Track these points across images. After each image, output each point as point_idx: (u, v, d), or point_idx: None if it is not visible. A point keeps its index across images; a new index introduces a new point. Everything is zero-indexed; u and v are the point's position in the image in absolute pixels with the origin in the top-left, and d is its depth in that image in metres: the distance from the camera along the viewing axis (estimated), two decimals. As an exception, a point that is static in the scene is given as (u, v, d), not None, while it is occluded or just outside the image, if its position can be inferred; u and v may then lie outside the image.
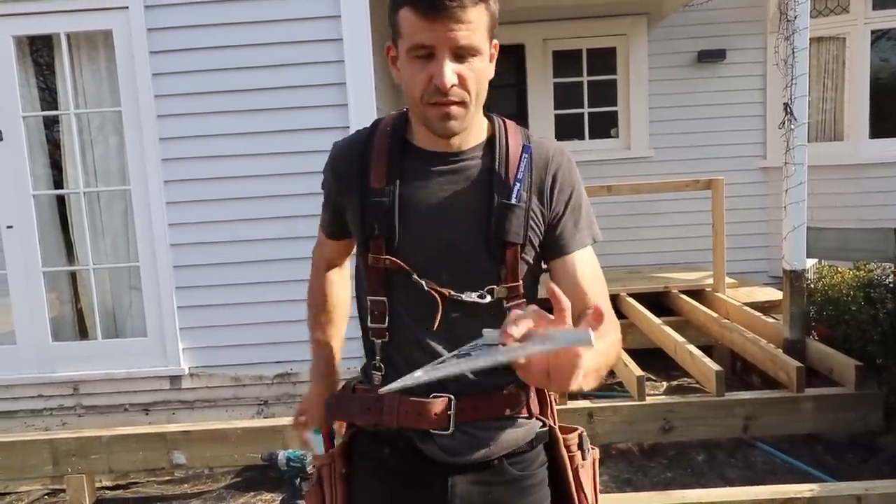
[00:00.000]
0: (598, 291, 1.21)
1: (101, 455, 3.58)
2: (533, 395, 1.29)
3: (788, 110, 3.76)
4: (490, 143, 1.23)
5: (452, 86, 1.09)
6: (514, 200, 1.17)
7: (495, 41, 1.17)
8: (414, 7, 1.07)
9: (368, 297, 1.23)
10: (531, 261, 1.22)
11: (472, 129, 1.21)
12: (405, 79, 1.14)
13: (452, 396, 1.20)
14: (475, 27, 1.08)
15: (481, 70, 1.13)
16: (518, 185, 1.18)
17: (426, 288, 1.17)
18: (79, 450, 3.57)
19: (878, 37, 5.94)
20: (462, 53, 1.09)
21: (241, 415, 4.02)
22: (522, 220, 1.18)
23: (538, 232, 1.21)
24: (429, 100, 1.11)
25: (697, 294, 5.11)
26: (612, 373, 4.49)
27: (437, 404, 1.20)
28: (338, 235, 1.37)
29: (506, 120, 1.27)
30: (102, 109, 3.97)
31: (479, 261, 1.18)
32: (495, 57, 1.19)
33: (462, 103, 1.12)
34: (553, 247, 1.22)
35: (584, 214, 1.25)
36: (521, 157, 1.20)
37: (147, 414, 4.02)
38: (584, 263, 1.22)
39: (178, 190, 3.88)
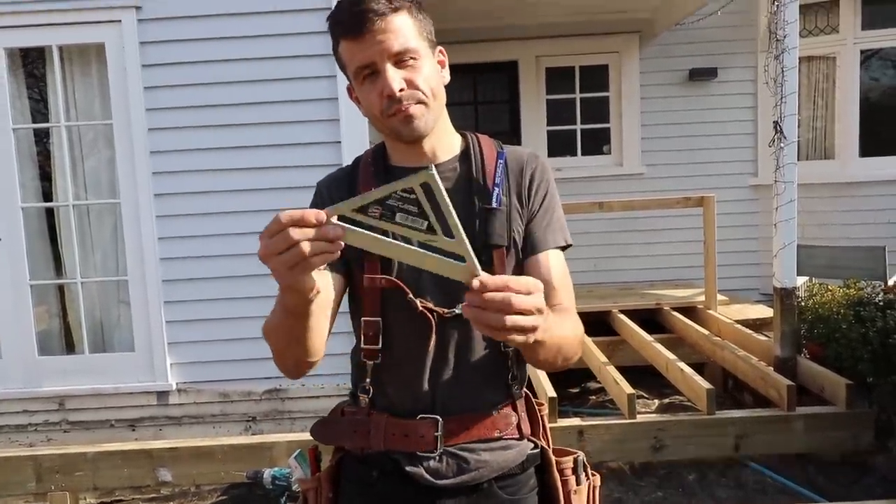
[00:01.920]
0: (566, 294, 1.23)
1: (86, 472, 3.53)
2: (524, 415, 1.27)
3: (778, 129, 3.78)
4: (465, 154, 1.26)
5: (402, 89, 1.13)
6: (495, 204, 1.20)
7: (440, 48, 1.23)
8: (343, 35, 1.15)
9: (363, 319, 1.22)
10: (516, 263, 1.23)
11: (445, 140, 1.25)
12: (364, 103, 1.19)
13: (440, 418, 1.19)
14: (402, 32, 1.13)
15: (428, 72, 1.16)
16: (497, 189, 1.21)
17: (420, 308, 1.17)
18: (63, 466, 3.53)
19: (869, 56, 6.00)
20: (401, 58, 1.14)
21: (229, 431, 3.98)
22: (505, 223, 1.20)
23: (521, 233, 1.23)
24: (388, 111, 1.15)
25: (689, 311, 5.11)
26: (602, 390, 4.48)
27: (424, 426, 1.19)
28: (338, 265, 1.20)
29: (477, 134, 1.31)
30: (93, 122, 3.96)
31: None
32: (445, 64, 1.24)
33: (420, 103, 1.15)
34: (526, 245, 1.24)
35: (556, 216, 1.27)
36: (496, 162, 1.24)
37: (133, 430, 3.98)
38: (555, 263, 1.24)
39: (168, 203, 3.86)
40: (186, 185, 3.86)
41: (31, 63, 4.15)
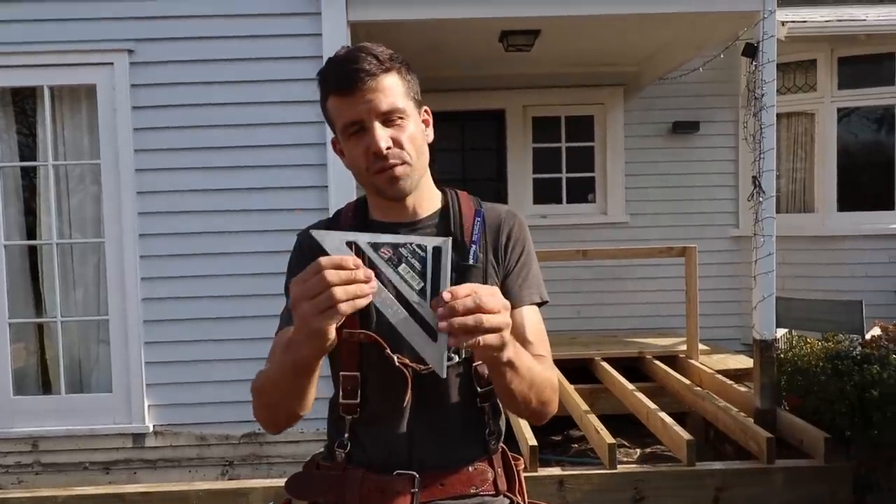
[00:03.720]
0: (542, 347, 1.24)
1: (56, 516, 3.45)
2: (500, 470, 1.27)
3: (757, 184, 3.87)
4: (444, 210, 1.29)
5: (388, 148, 1.16)
6: (471, 261, 1.22)
7: (426, 108, 1.26)
8: (333, 91, 1.18)
9: (341, 373, 1.23)
10: None
11: (426, 197, 1.28)
12: (349, 159, 1.22)
13: (416, 474, 1.19)
14: (391, 92, 1.17)
15: (413, 131, 1.20)
16: (474, 246, 1.23)
17: (397, 363, 1.18)
18: (33, 510, 3.45)
19: (848, 113, 6.16)
20: (389, 118, 1.17)
21: (206, 475, 3.91)
22: (481, 280, 1.22)
23: None
24: (373, 168, 1.18)
25: (671, 360, 5.13)
26: (583, 438, 4.45)
27: (400, 482, 1.19)
28: None
29: (457, 190, 1.34)
30: (81, 162, 3.98)
31: None
32: (430, 123, 1.27)
33: (404, 163, 1.18)
34: None
35: (532, 273, 1.29)
36: (474, 220, 1.27)
37: (107, 473, 3.90)
38: (530, 320, 1.25)
39: (152, 244, 3.86)
40: (172, 226, 3.87)
41: (21, 101, 4.18)
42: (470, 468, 1.23)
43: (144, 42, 3.82)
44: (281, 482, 3.75)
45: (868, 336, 3.96)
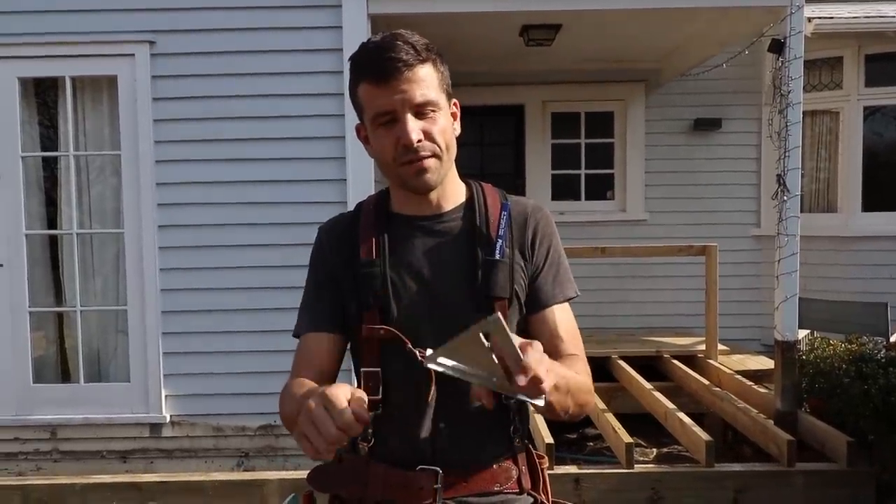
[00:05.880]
0: (575, 344, 1.24)
1: (74, 504, 3.48)
2: (525, 468, 1.25)
3: (781, 182, 3.80)
4: (469, 203, 1.27)
5: (419, 140, 1.14)
6: (498, 256, 1.20)
7: (455, 101, 1.24)
8: (367, 79, 1.15)
9: (362, 370, 1.22)
10: (518, 316, 1.23)
11: (450, 190, 1.26)
12: (376, 147, 1.20)
13: (439, 470, 1.18)
14: (427, 84, 1.15)
15: (444, 125, 1.18)
16: (501, 241, 1.22)
17: (419, 358, 1.16)
18: (51, 498, 3.48)
19: (873, 111, 6.05)
20: (422, 110, 1.15)
21: (221, 466, 3.92)
22: (508, 275, 1.20)
23: (523, 286, 1.23)
24: (401, 160, 1.16)
25: (689, 360, 5.07)
26: (601, 436, 4.42)
27: (424, 477, 1.18)
28: (338, 322, 1.24)
29: (482, 182, 1.32)
30: (102, 152, 4.00)
31: (469, 318, 1.16)
32: (458, 116, 1.25)
33: (434, 156, 1.17)
34: (533, 301, 1.24)
35: (562, 269, 1.28)
36: (500, 214, 1.24)
37: (124, 462, 3.92)
38: (563, 317, 1.25)
39: (171, 235, 3.88)
40: (191, 218, 3.88)
41: (43, 91, 4.21)
42: (494, 465, 1.22)
43: (165, 33, 3.82)
44: (297, 474, 3.77)
45: (893, 339, 3.90)
